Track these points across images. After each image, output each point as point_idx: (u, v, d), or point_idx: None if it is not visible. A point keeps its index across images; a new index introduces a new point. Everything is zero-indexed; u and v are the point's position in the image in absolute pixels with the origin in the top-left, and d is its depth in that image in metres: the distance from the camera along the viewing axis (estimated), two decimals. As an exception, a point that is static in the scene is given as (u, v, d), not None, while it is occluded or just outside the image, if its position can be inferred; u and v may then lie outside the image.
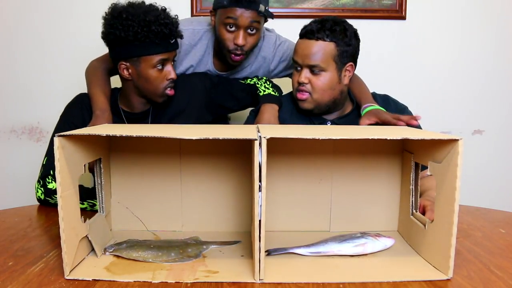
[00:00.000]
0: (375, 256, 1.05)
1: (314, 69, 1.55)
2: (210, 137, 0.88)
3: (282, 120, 1.66)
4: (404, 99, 1.67)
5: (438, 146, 0.97)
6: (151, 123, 1.64)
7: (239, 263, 1.00)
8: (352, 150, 1.20)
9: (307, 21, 1.60)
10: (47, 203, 1.44)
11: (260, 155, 0.88)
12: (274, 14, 2.22)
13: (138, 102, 1.62)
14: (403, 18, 2.28)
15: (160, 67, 1.53)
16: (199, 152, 1.20)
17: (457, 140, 0.89)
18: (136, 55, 1.50)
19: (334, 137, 0.90)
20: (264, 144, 0.88)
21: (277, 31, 2.25)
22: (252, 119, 1.68)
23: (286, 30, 2.26)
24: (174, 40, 1.54)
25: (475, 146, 2.35)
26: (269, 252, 1.05)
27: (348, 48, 1.57)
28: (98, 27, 2.24)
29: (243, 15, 1.58)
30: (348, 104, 1.69)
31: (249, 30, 1.63)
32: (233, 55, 1.67)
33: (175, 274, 0.93)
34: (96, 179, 1.15)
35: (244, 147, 1.09)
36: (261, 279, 0.91)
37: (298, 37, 1.60)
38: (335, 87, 1.58)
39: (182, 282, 0.90)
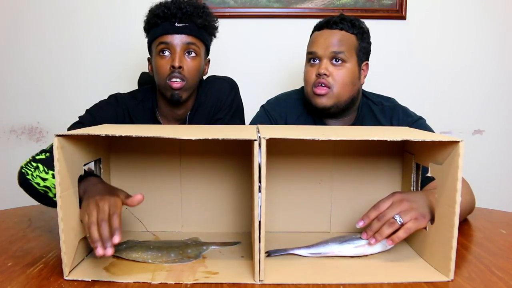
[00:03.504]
0: (376, 257, 1.05)
1: (337, 58, 1.48)
2: (210, 138, 0.88)
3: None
4: (404, 100, 1.66)
5: (439, 148, 0.96)
6: None
7: (239, 264, 1.00)
8: (353, 151, 1.20)
9: (307, 21, 1.59)
10: (22, 175, 1.19)
11: (259, 156, 0.88)
12: (274, 14, 2.25)
13: (165, 107, 1.56)
14: (403, 18, 2.27)
15: (162, 53, 1.46)
16: (199, 152, 1.20)
17: (458, 142, 0.89)
18: (148, 45, 1.51)
19: (334, 138, 0.90)
20: (264, 144, 0.87)
21: (277, 31, 2.26)
22: (261, 115, 1.65)
23: (286, 29, 2.26)
24: (183, 24, 1.46)
25: (475, 146, 2.34)
26: (269, 253, 1.04)
27: (366, 45, 1.56)
28: (98, 27, 2.26)
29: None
30: (354, 112, 1.61)
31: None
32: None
33: (175, 275, 0.93)
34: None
35: (245, 148, 1.08)
36: (261, 280, 0.91)
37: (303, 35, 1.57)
38: (356, 82, 1.52)
39: (181, 283, 0.90)
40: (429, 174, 1.01)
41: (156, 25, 1.47)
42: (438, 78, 2.33)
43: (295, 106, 1.64)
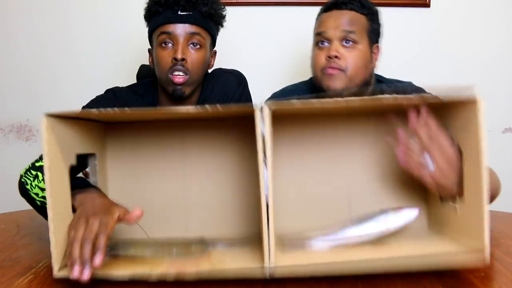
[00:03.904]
0: (398, 250, 1.03)
1: (348, 39, 1.49)
2: (210, 110, 0.89)
3: None
4: (428, 94, 1.65)
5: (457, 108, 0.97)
6: None
7: (247, 258, 0.99)
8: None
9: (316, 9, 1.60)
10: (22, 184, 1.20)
11: (262, 126, 0.87)
12: (286, 2, 2.24)
13: (167, 103, 1.54)
14: (427, 5, 2.26)
15: (164, 45, 1.45)
16: (203, 147, 1.20)
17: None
18: (149, 35, 1.51)
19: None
20: (267, 114, 0.87)
21: (290, 20, 2.25)
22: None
23: (298, 18, 2.25)
24: (187, 13, 1.45)
25: (505, 145, 2.32)
26: (283, 244, 1.04)
27: (377, 27, 1.57)
28: (93, 15, 2.26)
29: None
30: None
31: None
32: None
33: (177, 267, 0.93)
34: (90, 179, 1.14)
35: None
36: (271, 274, 0.91)
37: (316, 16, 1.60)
38: (368, 66, 1.54)
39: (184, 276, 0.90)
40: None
41: (158, 13, 1.45)
42: (464, 71, 2.31)
43: (301, 93, 1.65)
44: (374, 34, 1.55)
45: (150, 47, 1.55)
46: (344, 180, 1.21)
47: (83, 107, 1.49)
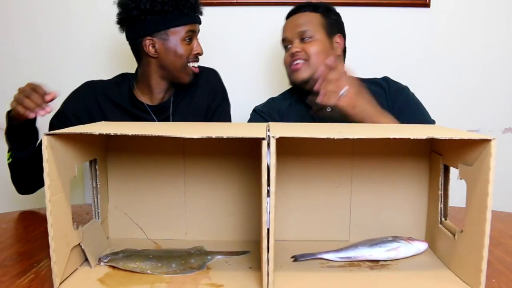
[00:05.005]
0: (399, 269, 1.02)
1: (304, 37, 1.72)
2: (213, 136, 0.87)
3: (280, 114, 1.81)
4: (427, 94, 1.65)
5: (469, 147, 0.94)
6: (172, 113, 1.74)
7: (247, 276, 0.98)
8: (374, 151, 1.18)
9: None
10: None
11: (268, 156, 0.86)
12: (282, 1, 2.24)
13: (159, 87, 1.74)
14: (427, 5, 2.26)
15: (188, 41, 1.66)
16: (205, 153, 1.19)
17: (490, 140, 0.87)
18: (165, 28, 1.62)
19: (351, 136, 0.88)
20: (273, 144, 0.86)
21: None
22: (253, 119, 1.80)
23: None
24: (199, 15, 1.70)
25: (505, 146, 2.31)
26: (295, 258, 1.05)
27: (333, 20, 1.79)
28: (95, 14, 2.25)
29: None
30: None
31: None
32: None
33: (175, 287, 0.92)
34: (91, 182, 1.13)
35: (255, 147, 1.07)
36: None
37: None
38: (329, 52, 1.73)
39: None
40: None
41: (182, 12, 1.64)
42: (465, 71, 2.30)
43: (283, 100, 1.88)
44: (331, 27, 1.76)
45: (150, 37, 1.65)
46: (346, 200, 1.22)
47: (65, 102, 1.72)
